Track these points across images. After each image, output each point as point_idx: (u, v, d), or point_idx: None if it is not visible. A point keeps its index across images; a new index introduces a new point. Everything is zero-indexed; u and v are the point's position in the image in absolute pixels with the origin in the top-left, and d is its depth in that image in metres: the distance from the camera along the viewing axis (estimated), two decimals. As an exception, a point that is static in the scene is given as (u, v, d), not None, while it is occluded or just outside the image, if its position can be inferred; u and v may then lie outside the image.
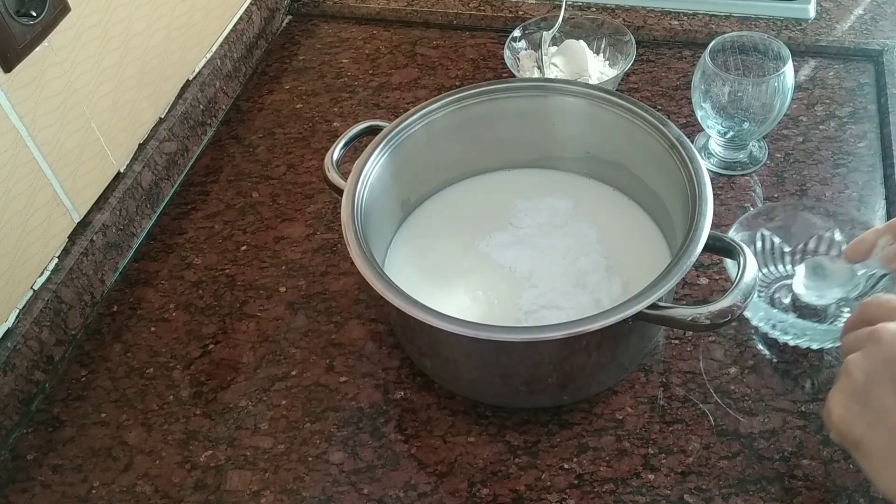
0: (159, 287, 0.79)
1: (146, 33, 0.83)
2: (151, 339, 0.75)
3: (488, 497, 0.62)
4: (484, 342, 0.57)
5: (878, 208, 0.78)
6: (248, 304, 0.77)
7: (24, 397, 0.70)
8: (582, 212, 0.74)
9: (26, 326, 0.70)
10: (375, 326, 0.74)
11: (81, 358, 0.74)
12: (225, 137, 0.94)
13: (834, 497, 0.60)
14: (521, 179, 0.78)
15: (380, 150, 0.69)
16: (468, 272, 0.71)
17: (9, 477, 0.67)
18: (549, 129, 0.75)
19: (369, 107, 0.95)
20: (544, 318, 0.65)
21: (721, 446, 0.63)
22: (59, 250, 0.75)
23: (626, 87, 0.93)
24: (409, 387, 0.69)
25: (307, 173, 0.88)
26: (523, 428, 0.65)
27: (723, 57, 0.80)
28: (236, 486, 0.64)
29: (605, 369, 0.63)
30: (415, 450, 0.65)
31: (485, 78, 0.97)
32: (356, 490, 0.63)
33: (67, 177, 0.75)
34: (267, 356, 0.72)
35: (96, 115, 0.77)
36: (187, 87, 0.91)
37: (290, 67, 1.02)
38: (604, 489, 0.61)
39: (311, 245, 0.81)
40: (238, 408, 0.69)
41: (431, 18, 1.05)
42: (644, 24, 0.98)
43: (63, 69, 0.72)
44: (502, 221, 0.74)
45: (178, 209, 0.87)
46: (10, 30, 0.65)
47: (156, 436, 0.68)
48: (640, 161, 0.71)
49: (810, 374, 0.67)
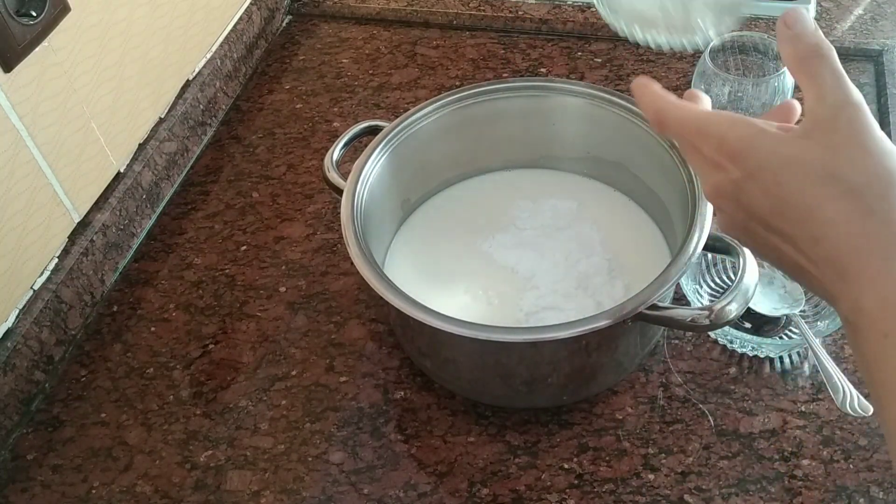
0: (159, 287, 0.79)
1: (146, 33, 0.83)
2: (151, 339, 0.75)
3: (488, 497, 0.62)
4: (484, 343, 0.57)
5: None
6: (248, 304, 0.77)
7: (24, 397, 0.70)
8: (584, 213, 0.74)
9: (26, 326, 0.70)
10: (375, 326, 0.74)
11: (81, 358, 0.74)
12: (225, 137, 0.94)
13: (834, 497, 0.60)
14: (521, 180, 0.78)
15: (380, 150, 0.69)
16: (469, 272, 0.71)
17: (9, 477, 0.67)
18: (550, 129, 0.75)
19: (369, 107, 0.95)
20: (545, 319, 0.65)
21: (721, 446, 0.63)
22: (59, 250, 0.75)
23: (627, 88, 0.92)
24: (409, 387, 0.69)
25: (307, 173, 0.88)
26: (523, 428, 0.65)
27: (723, 57, 0.80)
28: (236, 486, 0.64)
29: (605, 369, 0.63)
30: (415, 450, 0.65)
31: (485, 78, 0.97)
32: (356, 490, 0.63)
33: (67, 177, 0.75)
34: (267, 356, 0.72)
35: (96, 115, 0.77)
36: (187, 87, 0.91)
37: (290, 67, 1.02)
38: (604, 489, 0.61)
39: (311, 245, 0.81)
40: (238, 408, 0.69)
41: (431, 18, 1.05)
42: (644, 24, 0.98)
43: (63, 69, 0.72)
44: (505, 222, 0.74)
45: (178, 209, 0.87)
46: (10, 30, 0.65)
47: (156, 436, 0.68)
48: (640, 161, 0.71)
49: (810, 375, 0.67)
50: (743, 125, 0.42)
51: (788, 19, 0.42)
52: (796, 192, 0.39)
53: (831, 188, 0.39)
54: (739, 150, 0.41)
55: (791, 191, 0.40)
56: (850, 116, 0.39)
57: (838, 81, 0.40)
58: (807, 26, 0.42)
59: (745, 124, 0.42)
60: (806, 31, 0.41)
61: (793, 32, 0.41)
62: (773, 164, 0.40)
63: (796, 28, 0.41)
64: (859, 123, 0.39)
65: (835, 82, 0.40)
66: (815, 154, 0.39)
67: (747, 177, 0.41)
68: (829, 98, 0.40)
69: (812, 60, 0.41)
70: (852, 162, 0.39)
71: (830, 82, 0.40)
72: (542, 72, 0.96)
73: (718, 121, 0.43)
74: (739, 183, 0.41)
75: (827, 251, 0.39)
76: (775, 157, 0.40)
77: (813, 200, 0.39)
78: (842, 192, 0.38)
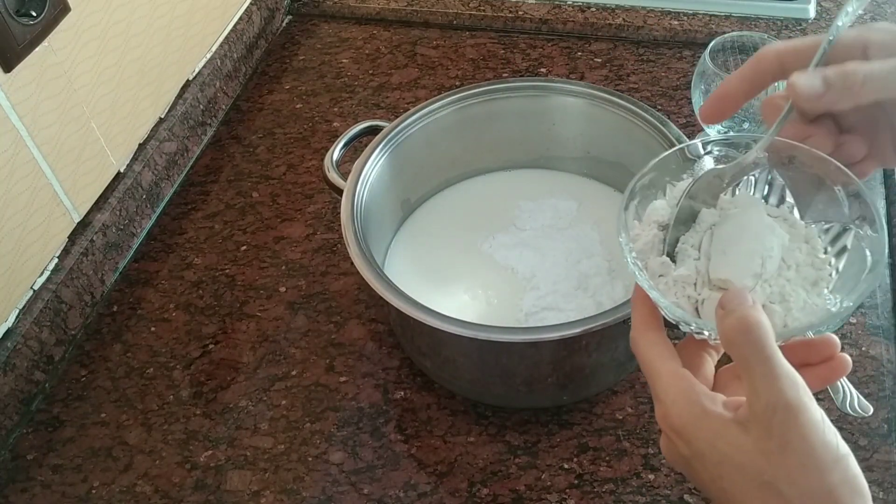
0: (159, 287, 0.79)
1: (146, 33, 0.83)
2: (151, 339, 0.75)
3: (488, 497, 0.62)
4: (484, 343, 0.57)
5: (878, 208, 0.78)
6: (248, 304, 0.77)
7: (24, 397, 0.70)
8: (584, 213, 0.74)
9: (26, 326, 0.70)
10: (375, 326, 0.74)
11: (81, 358, 0.74)
12: (225, 137, 0.94)
13: (834, 497, 0.60)
14: (521, 180, 0.78)
15: (380, 150, 0.69)
16: (469, 272, 0.71)
17: (9, 477, 0.67)
18: (550, 129, 0.75)
19: (369, 107, 0.95)
20: (545, 319, 0.65)
21: (721, 446, 0.63)
22: (59, 250, 0.75)
23: (627, 88, 0.93)
24: (409, 387, 0.69)
25: (307, 173, 0.88)
26: (523, 428, 0.65)
27: (723, 57, 0.80)
28: (236, 486, 0.64)
29: (605, 369, 0.63)
30: (415, 450, 0.65)
31: (485, 78, 0.97)
32: (356, 490, 0.63)
33: (67, 177, 0.75)
34: (267, 356, 0.72)
35: (96, 115, 0.77)
36: (187, 87, 0.91)
37: (290, 67, 1.02)
38: (604, 489, 0.61)
39: (311, 245, 0.81)
40: (238, 408, 0.69)
41: (431, 18, 1.05)
42: (644, 24, 0.98)
43: (63, 69, 0.72)
44: (505, 222, 0.74)
45: (178, 209, 0.87)
46: (10, 30, 0.65)
47: (156, 436, 0.68)
48: (640, 161, 0.70)
49: (810, 375, 0.67)
50: (686, 404, 0.39)
51: (724, 300, 0.38)
52: (737, 490, 0.38)
53: (769, 497, 0.36)
54: (681, 430, 0.39)
55: (732, 487, 0.38)
56: (783, 421, 0.36)
57: (768, 376, 0.36)
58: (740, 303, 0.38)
59: (690, 403, 0.39)
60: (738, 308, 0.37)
61: (724, 312, 0.38)
62: (714, 458, 0.38)
63: (728, 307, 0.38)
64: (794, 430, 0.36)
65: (764, 376, 0.36)
66: (750, 457, 0.37)
67: (695, 457, 0.39)
68: (762, 396, 0.36)
69: (740, 345, 0.37)
70: (788, 476, 0.36)
71: (759, 375, 0.36)
72: (542, 72, 0.96)
73: (668, 390, 0.40)
74: (688, 460, 0.40)
75: None
76: (715, 452, 0.38)
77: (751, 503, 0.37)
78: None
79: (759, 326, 0.37)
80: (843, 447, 0.36)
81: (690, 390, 0.40)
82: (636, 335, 0.43)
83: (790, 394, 0.36)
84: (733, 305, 0.38)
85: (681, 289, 0.43)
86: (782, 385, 0.36)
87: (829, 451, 0.36)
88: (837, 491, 0.36)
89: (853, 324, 0.69)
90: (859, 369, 0.66)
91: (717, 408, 0.39)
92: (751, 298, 0.38)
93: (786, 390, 0.36)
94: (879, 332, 0.69)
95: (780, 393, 0.36)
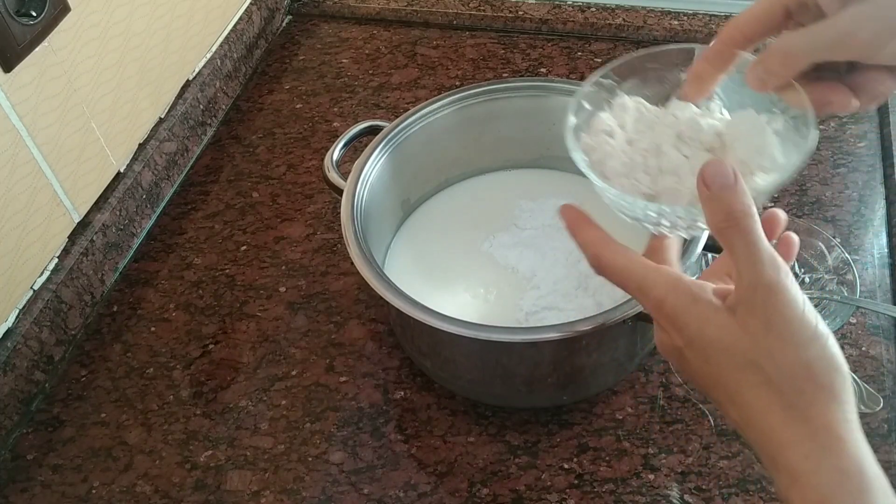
0: (159, 287, 0.79)
1: (146, 33, 0.83)
2: (151, 339, 0.75)
3: (488, 497, 0.62)
4: (484, 343, 0.57)
5: (878, 208, 0.78)
6: (248, 304, 0.77)
7: (24, 397, 0.70)
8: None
9: (26, 326, 0.70)
10: (375, 326, 0.74)
11: (81, 358, 0.74)
12: (225, 137, 0.94)
13: (834, 497, 0.60)
14: (521, 180, 0.78)
15: (380, 150, 0.69)
16: (469, 272, 0.71)
17: (9, 477, 0.67)
18: (550, 128, 0.75)
19: (369, 107, 0.95)
20: (545, 319, 0.65)
21: (721, 446, 0.63)
22: (59, 250, 0.75)
23: (626, 87, 0.92)
24: (409, 387, 0.69)
25: (307, 173, 0.88)
26: (523, 428, 0.65)
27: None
28: (236, 486, 0.64)
29: (605, 369, 0.63)
30: (415, 450, 0.65)
31: (485, 78, 0.97)
32: (356, 490, 0.63)
33: (67, 177, 0.75)
34: (267, 356, 0.72)
35: (96, 115, 0.77)
36: (187, 87, 0.91)
37: (290, 67, 1.02)
38: (604, 489, 0.61)
39: (311, 245, 0.81)
40: (238, 408, 0.69)
41: (431, 18, 1.05)
42: (644, 24, 0.98)
43: (63, 69, 0.72)
44: (506, 222, 0.74)
45: (178, 209, 0.87)
46: (10, 30, 0.65)
47: (156, 436, 0.68)
48: (640, 161, 0.71)
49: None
50: (677, 294, 0.41)
51: (706, 176, 0.39)
52: (723, 372, 0.39)
53: (752, 375, 0.38)
54: (674, 318, 0.41)
55: (719, 370, 0.40)
56: (764, 300, 0.38)
57: (751, 258, 0.38)
58: (724, 185, 0.38)
59: (680, 293, 0.41)
60: (723, 192, 0.38)
61: (710, 193, 0.39)
62: (703, 342, 0.40)
63: (713, 188, 0.38)
64: (773, 308, 0.38)
65: (748, 259, 0.38)
66: (735, 338, 0.39)
67: (687, 345, 0.41)
68: (744, 276, 0.38)
69: (727, 231, 0.38)
70: (770, 353, 0.38)
71: (744, 258, 0.38)
72: (542, 72, 0.96)
73: (657, 282, 0.42)
74: (682, 350, 0.41)
75: (755, 436, 0.39)
76: (703, 337, 0.40)
77: (735, 385, 0.39)
78: (761, 381, 0.38)
79: (744, 215, 0.38)
80: (822, 327, 0.38)
81: (678, 280, 0.42)
82: (596, 251, 0.45)
83: (771, 274, 0.38)
84: (717, 186, 0.39)
85: (637, 180, 0.45)
86: (764, 267, 0.38)
87: (807, 328, 0.37)
88: (814, 365, 0.37)
89: (853, 324, 0.69)
90: (859, 369, 0.66)
91: (707, 294, 0.41)
92: (732, 172, 0.39)
93: (767, 271, 0.38)
94: (879, 332, 0.69)
95: (761, 274, 0.38)
